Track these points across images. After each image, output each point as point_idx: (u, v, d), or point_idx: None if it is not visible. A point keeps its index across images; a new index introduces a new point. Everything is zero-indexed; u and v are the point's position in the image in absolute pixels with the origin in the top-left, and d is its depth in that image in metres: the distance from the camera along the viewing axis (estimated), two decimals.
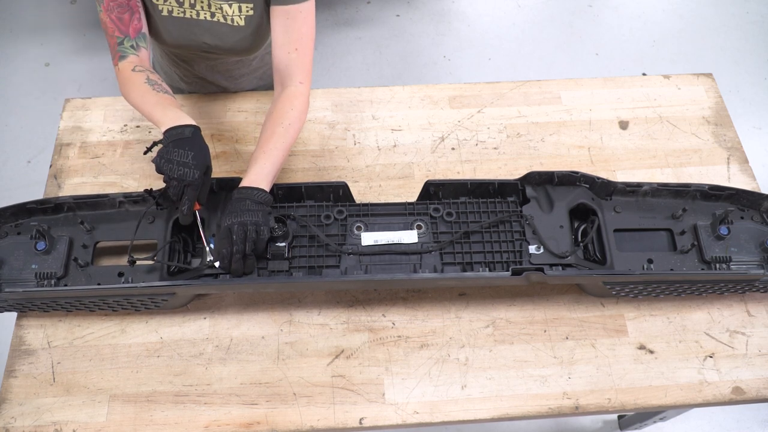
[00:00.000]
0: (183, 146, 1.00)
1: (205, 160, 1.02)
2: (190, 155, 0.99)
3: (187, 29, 1.20)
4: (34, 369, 1.08)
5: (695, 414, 1.95)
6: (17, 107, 2.61)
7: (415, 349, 1.12)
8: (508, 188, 1.16)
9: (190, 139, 1.01)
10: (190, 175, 0.98)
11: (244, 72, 1.44)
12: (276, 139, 1.08)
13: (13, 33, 2.84)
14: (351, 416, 1.05)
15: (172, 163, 0.98)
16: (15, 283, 1.07)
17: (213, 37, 1.22)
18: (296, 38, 1.13)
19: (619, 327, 1.15)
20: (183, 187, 0.99)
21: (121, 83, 1.12)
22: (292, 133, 1.11)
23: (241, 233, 0.99)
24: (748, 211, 1.17)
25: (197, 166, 0.99)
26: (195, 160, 0.99)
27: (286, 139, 1.09)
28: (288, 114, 1.11)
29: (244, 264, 1.01)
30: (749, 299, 1.18)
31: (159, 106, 1.06)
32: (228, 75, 1.43)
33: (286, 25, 1.13)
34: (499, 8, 3.02)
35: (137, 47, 1.14)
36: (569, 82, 1.47)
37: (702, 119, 1.42)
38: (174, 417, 1.04)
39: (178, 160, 0.98)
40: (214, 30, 1.20)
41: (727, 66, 2.83)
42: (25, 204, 1.11)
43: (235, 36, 1.22)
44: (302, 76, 1.15)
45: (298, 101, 1.13)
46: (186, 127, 1.02)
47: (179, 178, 0.98)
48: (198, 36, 1.21)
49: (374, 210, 1.14)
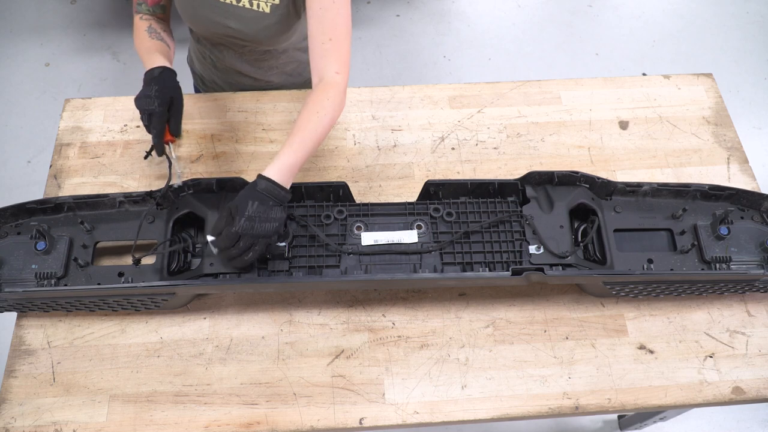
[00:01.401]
0: (150, 83, 1.10)
1: (169, 92, 1.10)
2: (154, 88, 1.09)
3: (214, 12, 1.23)
4: (34, 369, 1.08)
5: (695, 414, 1.95)
6: (17, 107, 2.61)
7: (415, 349, 1.12)
8: (508, 188, 1.16)
9: (157, 77, 1.11)
10: (151, 104, 1.07)
11: (273, 65, 1.44)
12: (309, 129, 1.06)
13: (13, 33, 2.84)
14: (351, 416, 1.05)
15: (140, 98, 1.09)
16: (15, 283, 1.07)
17: (237, 22, 1.23)
18: (330, 28, 1.10)
19: (619, 327, 1.15)
20: (148, 116, 1.08)
21: (134, 30, 1.27)
22: (326, 124, 1.07)
23: (248, 243, 0.98)
24: (748, 211, 1.17)
25: (159, 97, 1.08)
26: (159, 92, 1.09)
27: (318, 130, 1.06)
28: (323, 104, 1.08)
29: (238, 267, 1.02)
30: (749, 299, 1.18)
31: (148, 52, 1.18)
32: (256, 66, 1.43)
33: (319, 16, 1.10)
34: (499, 8, 3.02)
35: (153, 13, 1.27)
36: (569, 82, 1.47)
37: (702, 119, 1.42)
38: (174, 417, 1.04)
39: (144, 94, 1.09)
40: (239, 14, 1.22)
41: (727, 66, 2.83)
42: (25, 204, 1.10)
43: (260, 23, 1.23)
44: (338, 66, 1.11)
45: (334, 91, 1.09)
46: (156, 68, 1.12)
47: (143, 109, 1.08)
48: (223, 19, 1.24)
49: (374, 210, 1.14)
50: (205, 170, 1.31)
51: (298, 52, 1.45)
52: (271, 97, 1.42)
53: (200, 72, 1.56)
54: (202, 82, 1.58)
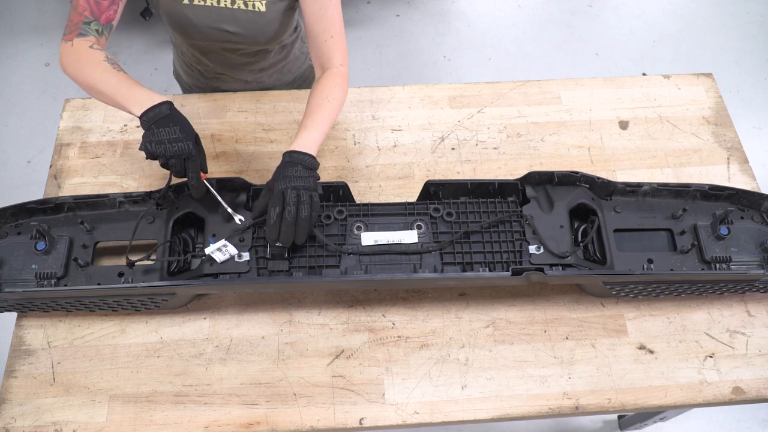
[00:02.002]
0: (167, 124, 1.00)
1: (192, 130, 1.04)
2: (176, 130, 1.00)
3: (209, 17, 1.22)
4: (34, 369, 1.08)
5: (695, 414, 1.95)
6: (17, 107, 2.61)
7: (415, 350, 1.12)
8: (508, 188, 1.16)
9: (170, 116, 1.01)
10: (186, 148, 1.00)
11: (264, 66, 1.44)
12: (323, 110, 1.11)
13: (13, 33, 2.84)
14: (351, 416, 1.05)
15: (163, 143, 0.99)
16: (15, 283, 1.07)
17: (234, 25, 1.23)
18: (330, 26, 1.17)
19: (619, 327, 1.15)
20: (183, 161, 1.01)
21: (74, 58, 1.08)
22: (336, 108, 1.13)
23: (294, 197, 0.99)
24: (748, 211, 1.17)
25: (188, 138, 1.01)
26: (183, 132, 1.01)
27: (331, 112, 1.12)
28: (333, 90, 1.14)
29: (295, 232, 1.00)
30: (749, 299, 1.18)
31: (122, 85, 1.04)
32: (248, 69, 1.43)
33: (318, 15, 1.16)
34: (499, 8, 3.02)
35: (101, 33, 1.11)
36: (569, 82, 1.47)
37: (702, 119, 1.42)
38: (174, 417, 1.04)
39: (168, 138, 0.99)
40: (236, 17, 1.22)
41: (727, 66, 2.83)
42: (25, 204, 1.10)
43: (257, 23, 1.23)
44: (341, 59, 1.19)
45: (341, 80, 1.17)
46: (162, 104, 1.02)
47: (176, 155, 1.00)
48: (219, 24, 1.23)
49: (374, 210, 1.14)
50: None
51: (285, 48, 1.45)
52: (271, 97, 1.42)
53: (188, 83, 1.55)
54: (190, 92, 1.57)
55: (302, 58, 1.54)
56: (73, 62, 1.08)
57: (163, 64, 2.76)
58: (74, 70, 1.08)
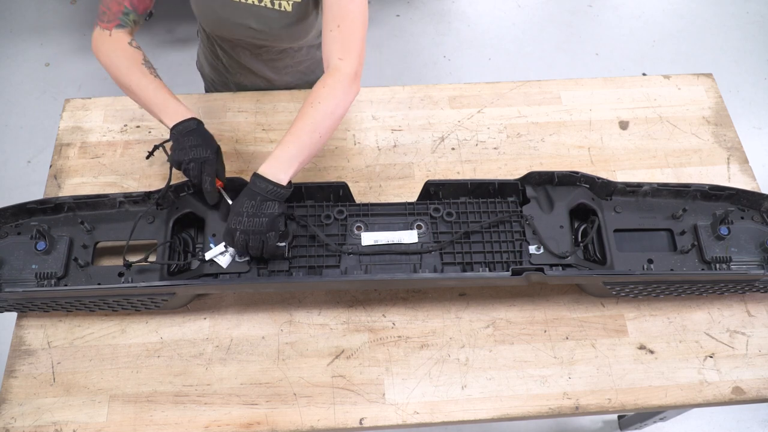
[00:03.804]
0: (191, 134, 1.06)
1: (215, 143, 1.09)
2: (199, 139, 1.06)
3: (234, 12, 1.22)
4: (34, 369, 1.08)
5: (695, 414, 1.95)
6: (17, 107, 2.61)
7: (415, 350, 1.12)
8: (508, 188, 1.16)
9: (196, 130, 1.07)
10: (204, 152, 1.05)
11: (288, 63, 1.44)
12: (305, 119, 1.02)
13: (13, 33, 2.84)
14: (351, 416, 1.05)
15: (185, 148, 1.05)
16: (15, 283, 1.07)
17: (258, 22, 1.22)
18: (339, 15, 1.06)
19: (619, 327, 1.15)
20: (200, 165, 1.05)
21: (112, 51, 1.10)
22: (324, 112, 1.03)
23: (242, 242, 0.99)
24: (748, 211, 1.17)
25: (208, 146, 1.06)
26: (205, 141, 1.07)
27: (315, 121, 1.02)
28: (319, 94, 1.04)
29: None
30: (749, 299, 1.18)
31: (159, 95, 1.08)
32: (272, 66, 1.43)
33: (331, 3, 1.07)
34: (499, 8, 3.02)
35: (137, 23, 1.15)
36: (569, 82, 1.47)
37: (702, 119, 1.42)
38: (174, 417, 1.04)
39: (189, 144, 1.05)
40: (261, 14, 1.21)
41: (727, 66, 2.83)
42: (25, 204, 1.10)
43: (281, 22, 1.22)
44: (342, 53, 1.06)
45: (332, 79, 1.05)
46: (191, 120, 1.07)
47: (194, 158, 1.04)
48: (244, 20, 1.22)
49: (374, 210, 1.14)
50: None
51: (312, 49, 1.45)
52: (271, 97, 1.42)
53: (211, 75, 1.55)
54: (212, 85, 1.58)
55: None
56: (111, 55, 1.11)
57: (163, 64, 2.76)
58: (110, 63, 1.11)
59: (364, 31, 1.08)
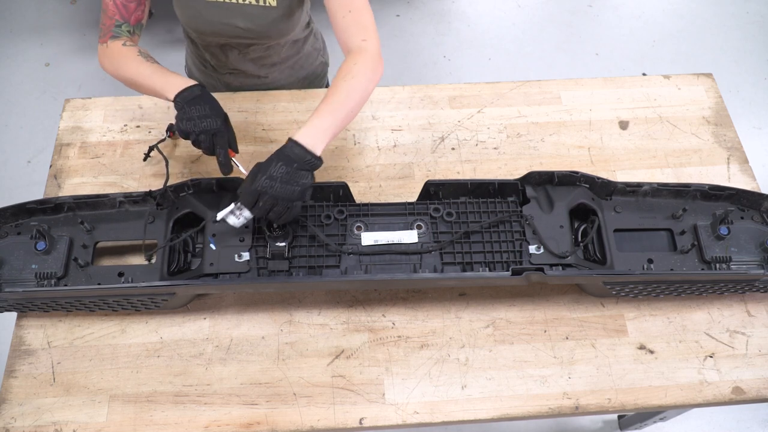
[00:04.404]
0: (197, 103, 1.05)
1: (221, 109, 1.08)
2: (206, 108, 1.05)
3: (220, 13, 1.22)
4: (34, 369, 1.08)
5: (695, 414, 1.95)
6: (17, 107, 2.61)
7: (415, 350, 1.12)
8: (508, 188, 1.16)
9: (201, 96, 1.06)
10: (214, 124, 1.04)
11: (275, 61, 1.44)
12: (339, 92, 1.03)
13: (13, 33, 2.84)
14: (351, 416, 1.05)
15: (193, 119, 1.03)
16: (15, 283, 1.07)
17: (245, 20, 1.23)
18: (347, 2, 1.10)
19: (619, 327, 1.15)
20: (211, 137, 1.04)
21: (110, 57, 1.16)
22: (357, 87, 1.04)
23: (267, 207, 0.97)
24: (748, 211, 1.17)
25: (217, 115, 1.05)
26: (213, 110, 1.05)
27: (349, 94, 1.03)
28: (350, 68, 1.06)
29: None
30: (749, 299, 1.18)
31: (157, 75, 1.10)
32: (260, 64, 1.43)
33: None
34: (499, 8, 3.02)
35: (132, 33, 1.19)
36: (569, 82, 1.47)
37: (702, 119, 1.42)
38: (174, 417, 1.04)
39: (198, 115, 1.04)
40: (246, 12, 1.22)
41: (727, 66, 2.83)
42: (25, 204, 1.10)
43: (268, 17, 1.23)
44: (364, 34, 1.10)
45: (362, 57, 1.07)
46: (194, 86, 1.07)
47: (205, 130, 1.03)
48: (230, 20, 1.23)
49: (374, 210, 1.14)
50: (205, 170, 1.31)
51: (297, 43, 1.45)
52: (271, 97, 1.42)
53: (199, 80, 1.55)
54: None
55: (315, 55, 1.54)
56: (110, 61, 1.16)
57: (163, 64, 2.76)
58: (112, 68, 1.16)
59: (372, 14, 1.13)
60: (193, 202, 1.12)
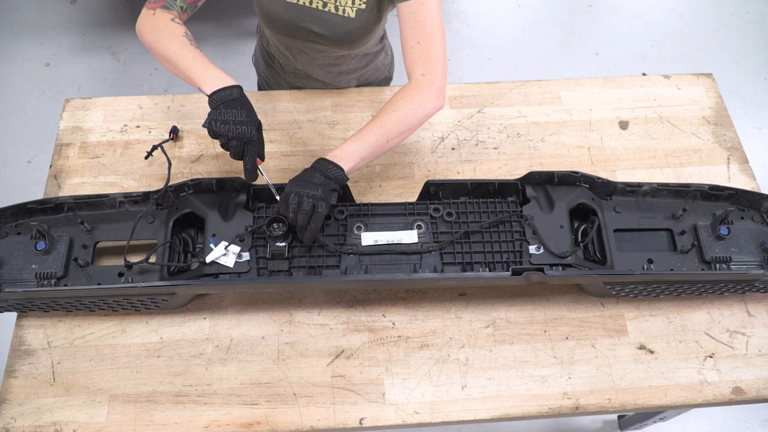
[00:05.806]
0: (235, 106, 1.03)
1: (257, 117, 1.06)
2: (243, 114, 1.03)
3: (297, 15, 1.22)
4: (34, 369, 1.08)
5: (695, 414, 1.95)
6: (17, 107, 2.61)
7: (415, 350, 1.12)
8: (508, 188, 1.16)
9: (239, 100, 1.05)
10: (249, 132, 1.03)
11: (343, 70, 1.43)
12: (378, 121, 1.09)
13: (13, 33, 2.84)
14: (351, 416, 1.05)
15: (228, 123, 1.02)
16: (15, 283, 1.07)
17: (321, 26, 1.23)
18: (418, 32, 1.12)
19: (619, 327, 1.15)
20: (243, 144, 1.03)
21: (153, 27, 1.12)
22: (397, 120, 1.09)
23: (296, 203, 1.01)
24: (748, 211, 1.17)
25: (252, 123, 1.04)
26: (249, 117, 1.04)
27: (386, 123, 1.08)
28: (398, 101, 1.10)
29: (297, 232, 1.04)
30: (749, 299, 1.18)
31: (198, 63, 1.07)
32: (327, 71, 1.42)
33: (409, 20, 1.12)
34: (499, 8, 3.02)
35: (184, 10, 1.16)
36: (569, 82, 1.47)
37: (702, 119, 1.42)
38: (174, 417, 1.04)
39: (233, 120, 1.02)
40: (324, 19, 1.22)
41: (727, 66, 2.83)
42: (25, 204, 1.11)
43: (344, 27, 1.23)
44: (424, 68, 1.12)
45: (411, 91, 1.11)
46: (233, 87, 1.05)
47: (238, 137, 1.02)
48: (306, 23, 1.23)
49: (374, 210, 1.14)
50: (205, 170, 1.31)
51: (367, 57, 1.44)
52: (271, 98, 1.42)
53: (265, 73, 1.55)
54: (266, 82, 1.58)
55: (382, 70, 1.54)
56: (152, 30, 1.11)
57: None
58: (152, 38, 1.11)
59: (443, 46, 1.13)
60: (193, 202, 1.12)
